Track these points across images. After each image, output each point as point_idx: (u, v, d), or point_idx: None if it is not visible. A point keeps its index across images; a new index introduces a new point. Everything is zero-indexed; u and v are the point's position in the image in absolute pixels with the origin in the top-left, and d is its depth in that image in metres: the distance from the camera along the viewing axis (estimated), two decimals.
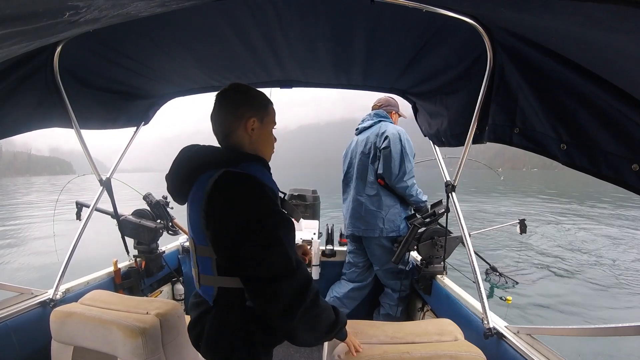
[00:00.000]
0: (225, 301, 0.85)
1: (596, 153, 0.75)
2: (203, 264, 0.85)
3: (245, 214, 0.75)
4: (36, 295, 1.54)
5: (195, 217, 0.83)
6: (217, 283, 0.85)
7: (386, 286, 2.32)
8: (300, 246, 1.16)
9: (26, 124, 1.23)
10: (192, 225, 0.85)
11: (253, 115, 0.90)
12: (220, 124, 0.91)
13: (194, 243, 0.86)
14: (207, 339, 0.86)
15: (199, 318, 0.90)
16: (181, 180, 0.89)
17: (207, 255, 0.83)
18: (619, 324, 0.93)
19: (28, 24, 0.45)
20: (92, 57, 1.32)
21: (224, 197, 0.77)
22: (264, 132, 0.93)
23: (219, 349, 0.85)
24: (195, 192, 0.84)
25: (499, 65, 1.00)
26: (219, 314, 0.86)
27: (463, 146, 1.32)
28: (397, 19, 1.09)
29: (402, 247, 2.06)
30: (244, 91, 0.92)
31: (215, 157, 0.85)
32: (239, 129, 0.89)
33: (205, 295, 0.88)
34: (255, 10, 1.06)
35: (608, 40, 0.59)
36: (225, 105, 0.90)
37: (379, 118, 2.31)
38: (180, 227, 2.47)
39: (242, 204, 0.76)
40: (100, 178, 1.76)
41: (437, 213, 2.03)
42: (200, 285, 0.88)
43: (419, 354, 0.97)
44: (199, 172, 0.84)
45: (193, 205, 0.84)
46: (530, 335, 1.23)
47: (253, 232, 0.74)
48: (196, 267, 0.87)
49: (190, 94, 1.93)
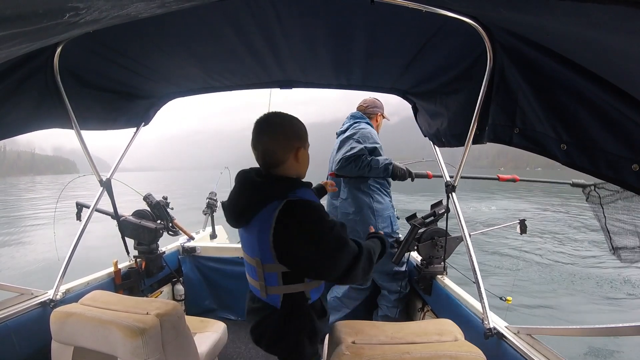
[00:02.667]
0: (289, 304, 1.01)
1: (596, 153, 0.75)
2: (270, 277, 1.00)
3: (313, 233, 0.91)
4: (36, 296, 1.54)
5: (261, 240, 0.95)
6: (283, 291, 1.00)
7: (382, 288, 2.31)
8: None
9: (26, 125, 1.23)
10: (256, 247, 0.98)
11: (301, 145, 1.02)
12: (270, 155, 1.00)
13: (261, 262, 0.98)
14: (274, 336, 1.03)
15: (263, 320, 1.05)
16: (241, 210, 1.00)
17: (274, 270, 0.98)
18: (619, 324, 0.93)
19: (28, 25, 0.46)
20: (92, 57, 1.32)
21: (291, 223, 0.91)
22: (306, 156, 1.05)
23: (286, 342, 1.03)
24: (260, 220, 0.95)
25: (499, 65, 1.00)
26: (285, 315, 1.01)
27: (463, 146, 1.32)
28: (397, 19, 1.09)
29: (402, 247, 2.06)
30: (289, 122, 1.02)
31: (274, 190, 0.96)
32: (290, 159, 1.01)
33: (272, 302, 1.02)
34: (255, 10, 1.06)
35: (608, 41, 0.59)
36: (275, 138, 0.99)
37: (354, 120, 2.27)
38: (181, 228, 2.47)
39: (308, 226, 0.91)
40: (101, 178, 1.76)
41: (437, 213, 2.03)
42: (267, 295, 1.02)
43: (419, 354, 0.97)
44: (262, 205, 0.95)
45: (258, 231, 0.96)
46: (530, 335, 1.22)
47: (323, 244, 0.91)
48: (262, 281, 1.01)
49: (191, 94, 1.93)
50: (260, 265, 0.99)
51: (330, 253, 0.92)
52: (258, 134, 1.00)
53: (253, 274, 1.04)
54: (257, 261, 0.99)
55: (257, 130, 1.00)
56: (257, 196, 0.96)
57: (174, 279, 2.59)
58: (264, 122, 1.00)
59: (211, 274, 2.63)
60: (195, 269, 2.64)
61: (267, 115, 1.01)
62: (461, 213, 1.62)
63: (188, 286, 2.61)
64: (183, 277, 2.63)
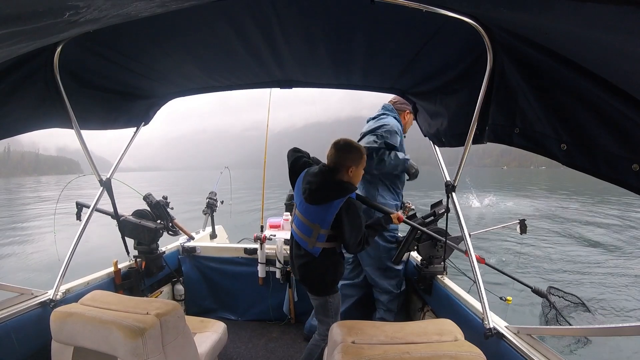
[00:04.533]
0: (325, 255, 1.59)
1: (596, 153, 0.74)
2: (320, 237, 1.57)
3: (353, 222, 1.54)
4: (36, 296, 1.54)
5: (328, 216, 1.52)
6: (324, 245, 1.58)
7: (374, 285, 2.31)
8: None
9: (26, 124, 1.22)
10: (321, 218, 1.54)
11: (353, 165, 1.57)
12: (334, 163, 1.58)
13: (320, 227, 1.55)
14: (315, 273, 1.64)
15: (306, 264, 1.64)
16: (325, 195, 1.54)
17: (324, 233, 1.56)
18: (619, 324, 0.93)
19: (28, 24, 0.46)
20: (92, 57, 1.32)
21: (347, 212, 1.52)
22: (358, 173, 1.61)
23: (322, 277, 1.64)
24: (332, 206, 1.52)
25: (499, 65, 1.00)
26: (322, 261, 1.60)
27: (463, 146, 1.32)
28: (397, 19, 1.09)
29: (402, 247, 2.06)
30: (349, 149, 1.59)
31: (345, 191, 1.54)
32: (342, 171, 1.58)
33: (314, 252, 1.59)
34: (255, 10, 1.06)
35: (608, 40, 0.59)
36: (338, 156, 1.58)
37: (384, 111, 2.32)
38: (181, 228, 2.47)
39: (354, 217, 1.54)
40: (100, 178, 1.76)
41: (437, 213, 2.03)
42: (313, 247, 1.58)
43: (419, 354, 0.97)
44: (338, 197, 1.52)
45: (327, 212, 1.52)
46: (530, 335, 1.22)
47: (354, 229, 1.54)
48: (314, 238, 1.57)
49: (191, 94, 1.93)
50: (318, 229, 1.55)
51: (356, 231, 1.54)
52: (333, 149, 1.60)
53: (308, 233, 1.58)
54: (316, 226, 1.55)
55: (333, 147, 1.61)
56: (332, 193, 1.53)
57: (174, 279, 2.60)
58: (338, 145, 1.60)
59: (211, 274, 2.63)
60: (195, 269, 2.64)
61: (341, 141, 1.61)
62: (461, 213, 1.61)
63: (188, 286, 2.62)
64: (183, 277, 2.63)
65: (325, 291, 1.66)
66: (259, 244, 2.50)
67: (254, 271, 2.54)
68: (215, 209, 3.25)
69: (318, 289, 1.68)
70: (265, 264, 2.52)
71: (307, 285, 1.69)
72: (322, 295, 1.66)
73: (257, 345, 2.29)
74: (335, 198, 1.52)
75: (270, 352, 2.20)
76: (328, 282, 1.65)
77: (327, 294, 1.66)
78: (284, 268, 2.49)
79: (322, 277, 1.64)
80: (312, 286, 1.68)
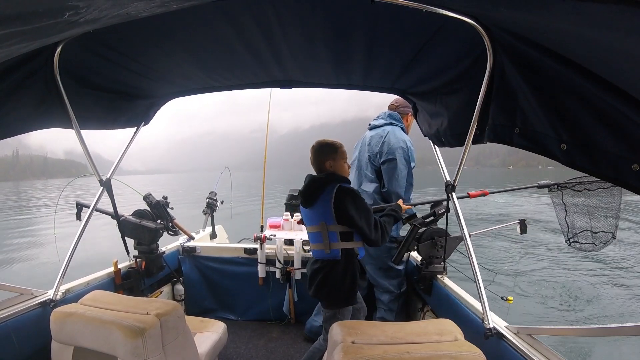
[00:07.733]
0: (346, 256, 1.55)
1: (596, 153, 0.74)
2: (332, 235, 1.54)
3: (357, 205, 1.52)
4: (36, 296, 1.54)
5: (326, 209, 1.52)
6: (342, 246, 1.55)
7: (375, 285, 2.32)
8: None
9: (26, 124, 1.22)
10: (322, 214, 1.54)
11: (329, 159, 1.62)
12: (315, 165, 1.66)
13: (326, 224, 1.54)
14: (335, 278, 1.55)
15: (321, 268, 1.58)
16: (312, 192, 1.57)
17: (333, 230, 1.54)
18: (619, 324, 0.93)
19: (28, 24, 0.46)
20: (92, 57, 1.32)
21: (345, 198, 1.51)
22: (339, 164, 1.63)
23: (341, 282, 1.55)
24: (324, 197, 1.53)
25: (499, 65, 1.00)
26: (344, 264, 1.55)
27: (463, 146, 1.32)
28: (397, 19, 1.09)
29: (402, 247, 2.06)
30: (321, 148, 1.64)
31: (329, 180, 1.56)
32: (323, 169, 1.63)
33: (334, 256, 1.55)
34: (255, 10, 1.06)
35: (608, 40, 0.59)
36: (316, 157, 1.64)
37: (391, 120, 2.33)
38: (181, 228, 2.47)
39: (355, 200, 1.52)
40: (100, 178, 1.76)
41: (437, 213, 2.03)
42: (330, 250, 1.55)
43: (419, 354, 0.97)
44: (324, 187, 1.54)
45: (323, 205, 1.53)
46: (530, 335, 1.22)
47: (362, 212, 1.52)
48: (326, 240, 1.54)
49: (191, 94, 1.93)
50: (325, 227, 1.53)
51: (365, 213, 1.52)
52: (311, 152, 1.66)
53: (319, 238, 1.56)
54: (322, 224, 1.54)
55: (311, 150, 1.67)
56: (320, 183, 1.56)
57: (174, 279, 2.59)
58: (313, 147, 1.66)
59: (211, 274, 2.63)
60: (195, 269, 2.64)
61: (316, 145, 1.66)
62: (461, 213, 1.61)
63: (188, 286, 2.61)
64: (183, 277, 2.63)
65: (338, 302, 1.58)
66: (259, 244, 2.50)
67: (254, 271, 2.54)
68: (215, 209, 3.25)
69: (332, 299, 1.59)
70: (265, 264, 2.52)
71: (322, 295, 1.60)
72: (333, 308, 1.59)
73: (257, 345, 2.29)
74: (325, 186, 1.54)
75: (270, 352, 2.20)
76: (346, 289, 1.55)
77: (338, 305, 1.58)
78: (284, 268, 2.49)
79: (341, 283, 1.54)
80: (329, 295, 1.59)
